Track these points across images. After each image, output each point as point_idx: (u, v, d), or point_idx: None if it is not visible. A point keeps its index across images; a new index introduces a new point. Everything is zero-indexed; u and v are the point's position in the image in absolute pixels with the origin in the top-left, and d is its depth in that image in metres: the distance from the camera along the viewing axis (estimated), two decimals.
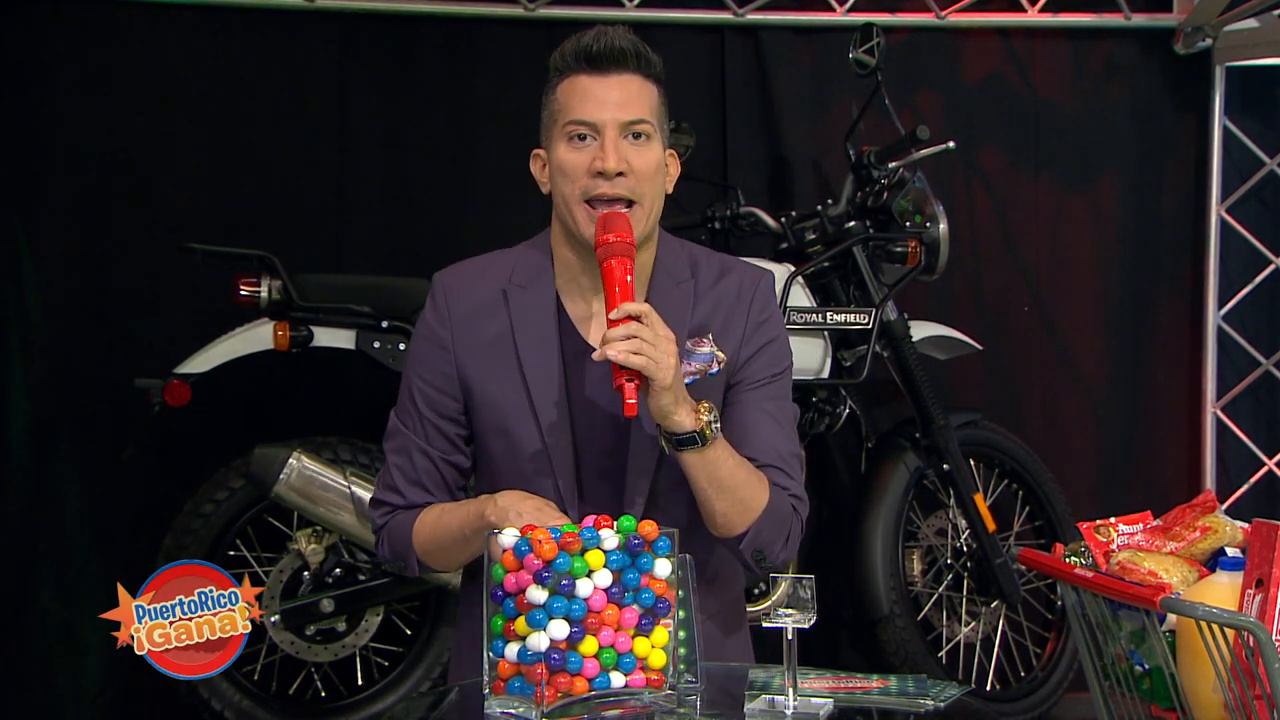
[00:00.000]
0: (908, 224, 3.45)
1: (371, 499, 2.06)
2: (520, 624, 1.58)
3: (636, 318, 1.78)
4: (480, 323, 1.96)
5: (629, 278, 1.82)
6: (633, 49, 1.90)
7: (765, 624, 1.65)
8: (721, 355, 1.90)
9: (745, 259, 2.17)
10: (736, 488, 1.87)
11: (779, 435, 1.97)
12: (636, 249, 1.86)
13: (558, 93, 1.92)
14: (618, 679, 1.61)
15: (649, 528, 1.63)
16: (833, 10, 3.93)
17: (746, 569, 1.97)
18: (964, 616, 3.64)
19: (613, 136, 1.87)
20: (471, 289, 1.98)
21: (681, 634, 1.68)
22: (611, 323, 1.78)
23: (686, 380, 1.85)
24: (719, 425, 1.85)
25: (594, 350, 1.83)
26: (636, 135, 1.89)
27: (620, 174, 1.86)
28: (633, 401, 1.76)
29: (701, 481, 1.86)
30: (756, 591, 3.30)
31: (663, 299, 1.93)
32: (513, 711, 1.59)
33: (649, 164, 1.89)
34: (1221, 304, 4.11)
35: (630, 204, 1.89)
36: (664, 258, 1.99)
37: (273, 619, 3.20)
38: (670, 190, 1.98)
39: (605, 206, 1.88)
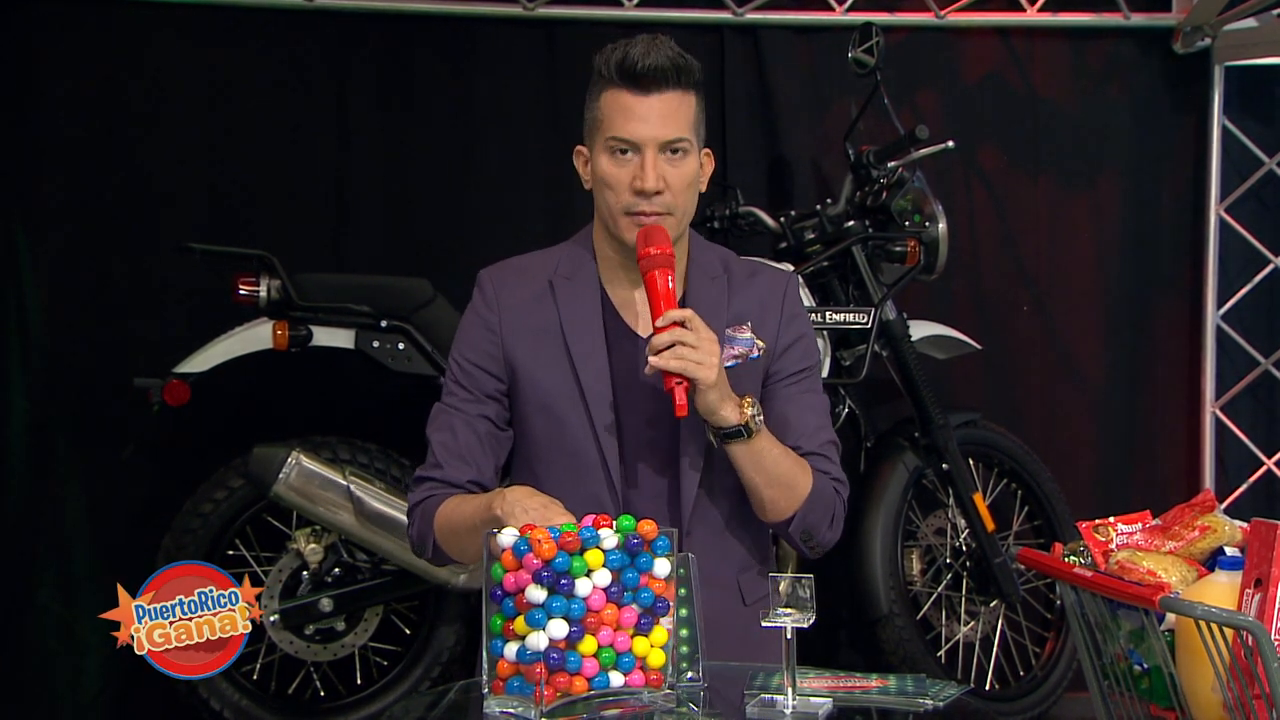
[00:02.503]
0: (907, 223, 3.45)
1: (415, 476, 2.09)
2: (519, 623, 1.58)
3: (681, 323, 1.89)
4: (528, 312, 2.05)
5: (671, 287, 1.93)
6: (672, 66, 1.97)
7: (765, 623, 1.65)
8: (761, 342, 2.02)
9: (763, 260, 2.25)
10: (782, 475, 1.98)
11: (816, 423, 2.08)
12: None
13: (600, 101, 2.01)
14: (617, 678, 1.62)
15: (648, 527, 1.64)
16: (832, 10, 3.93)
17: (797, 551, 2.08)
18: (963, 616, 3.64)
19: (652, 157, 1.97)
20: (518, 282, 2.08)
21: (684, 632, 1.69)
22: (657, 329, 1.89)
23: (729, 364, 1.97)
24: (762, 418, 1.95)
25: (638, 334, 2.02)
26: (674, 151, 1.98)
27: (658, 192, 1.97)
28: (683, 403, 1.87)
29: (749, 471, 1.96)
30: None
31: (699, 293, 2.05)
32: (512, 711, 1.59)
33: (685, 178, 2.00)
34: (1220, 303, 4.11)
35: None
36: (697, 256, 2.10)
37: (272, 618, 3.20)
38: (704, 188, 2.08)
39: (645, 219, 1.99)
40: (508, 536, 1.61)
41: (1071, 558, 1.58)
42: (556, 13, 3.79)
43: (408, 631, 3.40)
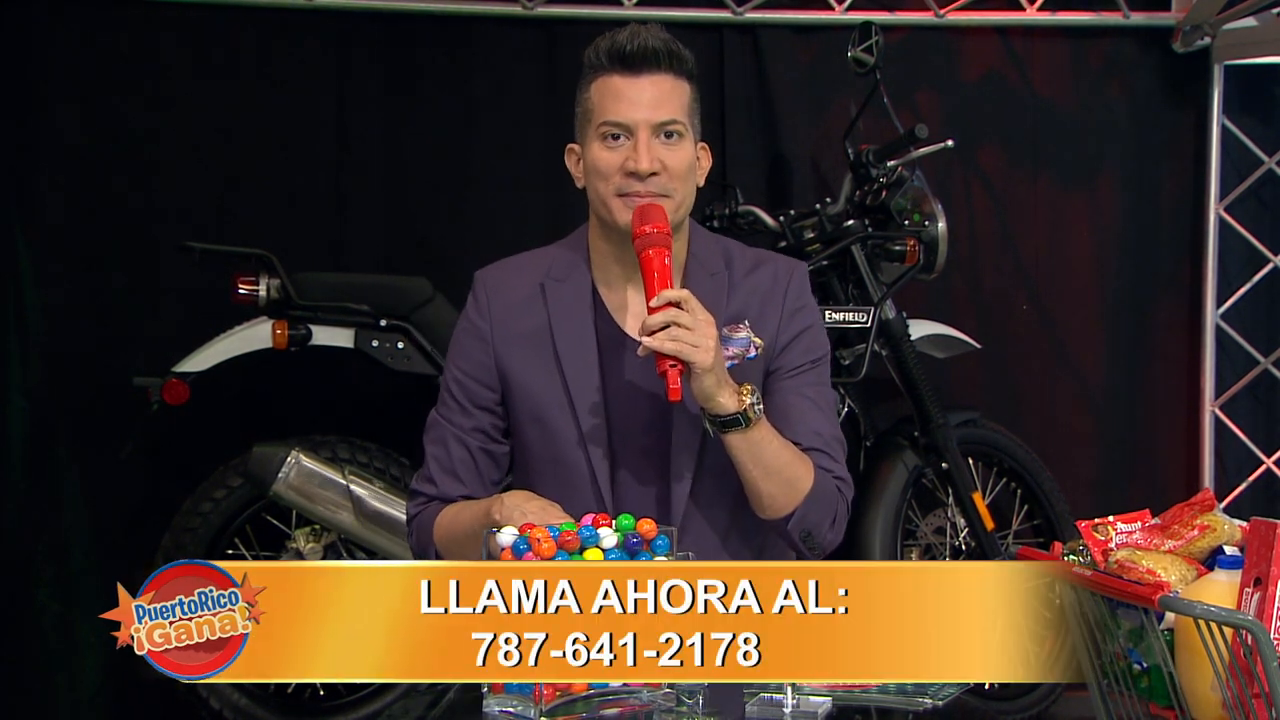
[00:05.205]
0: (906, 222, 3.45)
1: (410, 489, 2.09)
2: None
3: (676, 304, 1.82)
4: (519, 316, 2.01)
5: (667, 265, 1.86)
6: (665, 48, 1.94)
7: None
8: (759, 340, 1.94)
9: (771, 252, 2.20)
10: (782, 469, 1.90)
11: (820, 419, 2.00)
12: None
13: (591, 91, 1.96)
14: None
15: (647, 526, 1.63)
16: (831, 9, 3.93)
17: (795, 551, 1.99)
18: None
19: (645, 138, 1.91)
20: (510, 284, 2.04)
21: None
22: (651, 310, 1.83)
23: (725, 365, 1.88)
24: (761, 407, 1.88)
25: (630, 338, 1.94)
26: (669, 134, 1.93)
27: (653, 174, 1.91)
28: (676, 387, 1.80)
29: (747, 463, 1.89)
30: None
31: (697, 290, 1.95)
32: (511, 710, 1.59)
33: (681, 162, 1.94)
34: (1220, 303, 4.10)
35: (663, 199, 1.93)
36: (697, 250, 2.04)
37: None
38: (702, 183, 2.02)
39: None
40: (507, 535, 1.61)
41: (1071, 557, 1.57)
42: (556, 12, 3.79)
43: None
